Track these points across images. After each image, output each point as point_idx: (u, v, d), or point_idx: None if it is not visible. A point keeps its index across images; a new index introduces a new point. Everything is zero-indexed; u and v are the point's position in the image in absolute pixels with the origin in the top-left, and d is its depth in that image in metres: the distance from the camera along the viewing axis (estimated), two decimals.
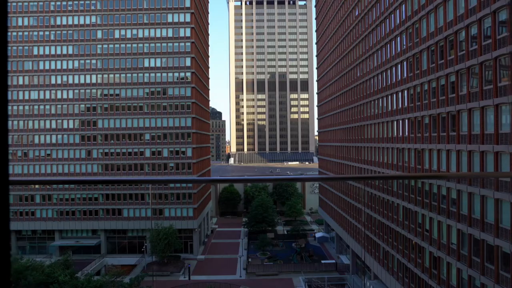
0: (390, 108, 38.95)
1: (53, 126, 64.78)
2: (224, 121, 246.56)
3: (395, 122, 37.83)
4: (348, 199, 52.89)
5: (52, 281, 34.33)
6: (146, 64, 64.07)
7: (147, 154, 63.80)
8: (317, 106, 77.32)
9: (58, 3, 64.64)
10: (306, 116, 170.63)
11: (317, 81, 77.53)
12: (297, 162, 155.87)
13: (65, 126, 64.63)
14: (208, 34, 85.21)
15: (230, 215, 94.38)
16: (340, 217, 57.43)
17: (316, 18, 78.13)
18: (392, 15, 38.12)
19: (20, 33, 64.79)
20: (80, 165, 64.34)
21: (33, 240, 66.38)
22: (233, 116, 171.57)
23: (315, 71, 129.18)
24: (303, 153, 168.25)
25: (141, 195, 63.45)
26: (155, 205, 63.08)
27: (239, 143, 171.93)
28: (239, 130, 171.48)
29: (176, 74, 64.24)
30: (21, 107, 65.04)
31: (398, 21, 36.86)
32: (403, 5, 35.78)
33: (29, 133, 64.89)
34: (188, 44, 64.02)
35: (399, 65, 36.72)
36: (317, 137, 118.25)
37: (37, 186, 65.12)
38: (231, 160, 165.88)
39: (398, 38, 36.84)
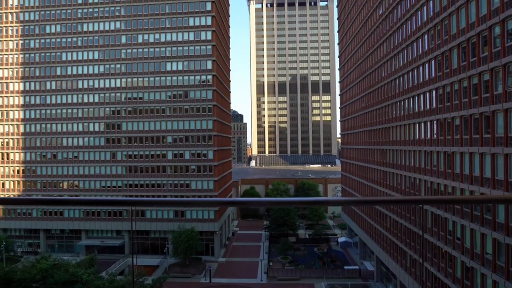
0: (417, 109, 37.27)
1: (80, 129, 67.05)
2: (246, 123, 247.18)
3: (422, 124, 36.12)
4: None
5: (77, 280, 35.20)
6: (168, 68, 65.08)
7: (169, 156, 64.64)
8: (340, 108, 75.69)
9: (85, 10, 67.02)
10: (328, 118, 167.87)
11: (339, 82, 75.96)
12: (319, 165, 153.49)
13: (91, 129, 66.73)
14: (229, 37, 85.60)
15: (251, 218, 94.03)
16: (364, 222, 55.65)
17: (338, 19, 76.67)
18: (419, 12, 36.52)
19: (48, 40, 67.69)
20: (105, 167, 66.14)
21: (62, 239, 68.82)
22: (255, 118, 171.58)
23: (337, 73, 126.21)
24: (325, 155, 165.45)
25: (163, 197, 64.18)
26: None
27: (261, 146, 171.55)
28: (261, 132, 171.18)
29: (198, 77, 64.82)
30: (49, 111, 67.80)
31: (425, 18, 35.25)
32: (431, 2, 34.18)
33: (58, 136, 67.50)
34: (209, 47, 64.49)
35: (426, 64, 35.06)
36: (339, 140, 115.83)
37: (65, 186, 67.55)
38: (253, 163, 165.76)
39: (426, 35, 35.21)
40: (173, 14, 65.10)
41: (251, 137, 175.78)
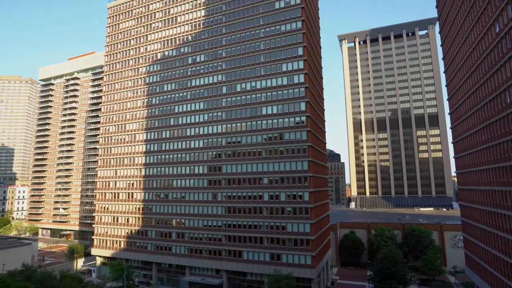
0: None
1: (187, 171, 74.43)
2: (343, 163, 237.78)
3: None
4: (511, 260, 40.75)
5: None
6: (264, 112, 68.32)
7: (265, 198, 65.39)
8: (453, 142, 65.97)
9: (194, 68, 77.47)
10: (439, 154, 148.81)
11: (449, 114, 67.04)
12: (431, 208, 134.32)
13: (196, 171, 73.37)
14: (322, 78, 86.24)
15: (353, 266, 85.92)
16: (502, 284, 44.41)
17: (442, 45, 69.77)
18: None
19: (166, 96, 79.78)
20: (207, 207, 70.79)
21: (169, 273, 74.55)
22: (353, 157, 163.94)
23: (445, 103, 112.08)
24: (438, 197, 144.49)
25: (260, 239, 64.35)
26: (273, 249, 62.78)
27: (360, 186, 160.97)
28: (360, 172, 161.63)
29: (292, 119, 65.98)
30: (164, 156, 77.77)
31: None
32: None
33: (169, 178, 76.21)
34: (302, 89, 65.74)
35: None
36: (455, 179, 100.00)
37: (174, 224, 74.17)
38: (352, 204, 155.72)
39: None
40: (267, 63, 69.57)
41: (350, 177, 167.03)
